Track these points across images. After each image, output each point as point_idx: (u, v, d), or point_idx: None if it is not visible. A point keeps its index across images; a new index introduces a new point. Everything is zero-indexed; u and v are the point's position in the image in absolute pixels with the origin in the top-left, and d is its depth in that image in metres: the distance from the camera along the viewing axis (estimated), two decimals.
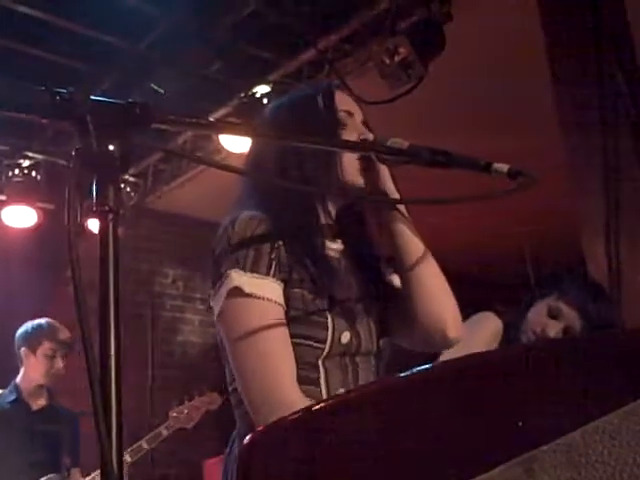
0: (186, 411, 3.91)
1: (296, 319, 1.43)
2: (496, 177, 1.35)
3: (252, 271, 1.41)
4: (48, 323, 3.97)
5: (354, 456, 0.84)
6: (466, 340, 2.45)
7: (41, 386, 3.85)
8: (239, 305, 1.41)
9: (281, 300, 1.43)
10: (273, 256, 1.44)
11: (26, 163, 5.38)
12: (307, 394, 1.40)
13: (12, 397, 3.80)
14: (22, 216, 5.52)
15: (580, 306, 2.36)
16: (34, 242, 5.63)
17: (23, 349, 3.85)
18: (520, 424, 0.69)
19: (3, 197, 5.44)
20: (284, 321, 1.42)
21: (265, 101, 4.64)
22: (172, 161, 5.47)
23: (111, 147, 0.94)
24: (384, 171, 1.55)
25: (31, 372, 3.84)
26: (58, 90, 0.92)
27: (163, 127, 1.06)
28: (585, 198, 3.67)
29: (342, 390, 1.47)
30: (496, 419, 0.74)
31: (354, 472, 0.84)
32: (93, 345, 0.83)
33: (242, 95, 4.67)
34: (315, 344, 1.45)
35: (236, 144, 4.78)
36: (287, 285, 1.45)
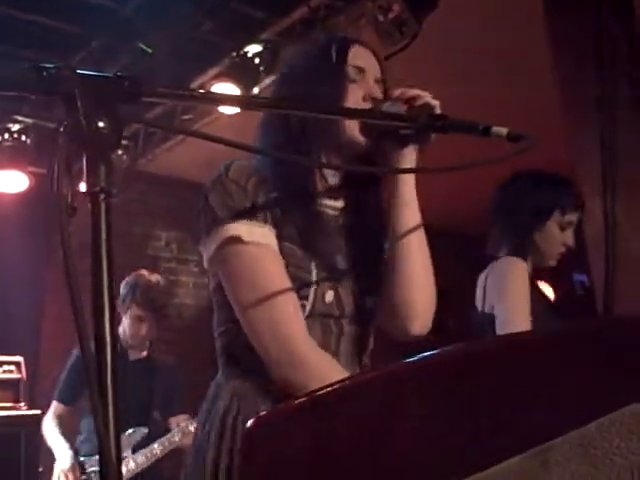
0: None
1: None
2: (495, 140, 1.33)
3: (249, 219, 1.40)
4: (142, 284, 3.93)
5: (358, 443, 0.82)
6: (507, 294, 2.48)
7: (140, 338, 3.88)
8: (240, 253, 1.40)
9: (277, 248, 1.42)
10: (268, 205, 1.43)
11: (15, 127, 5.30)
12: None
13: None
14: (13, 181, 5.46)
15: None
16: (27, 207, 5.59)
17: (120, 306, 3.87)
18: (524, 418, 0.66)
19: None
20: (284, 268, 1.41)
21: (257, 60, 4.56)
22: (153, 127, 5.40)
23: (101, 124, 0.90)
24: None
25: (125, 328, 3.87)
26: (44, 65, 0.88)
27: (152, 100, 1.02)
28: (581, 156, 3.64)
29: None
30: (502, 408, 0.72)
31: (359, 459, 0.82)
32: (89, 333, 0.80)
33: (233, 55, 4.59)
34: (299, 300, 1.43)
35: (227, 105, 4.72)
36: (278, 238, 1.44)
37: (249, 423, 0.93)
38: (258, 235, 1.40)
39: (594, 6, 3.54)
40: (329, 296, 1.46)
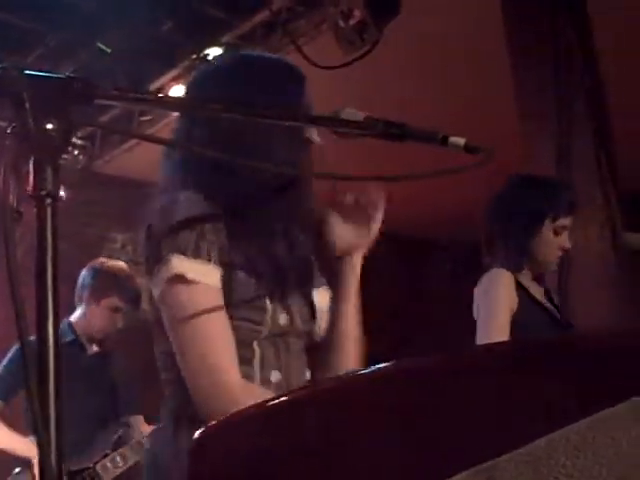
0: None
1: (236, 302, 1.43)
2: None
3: (194, 257, 1.39)
4: (121, 272, 3.74)
5: (308, 453, 0.82)
6: (489, 304, 2.48)
7: (102, 333, 3.66)
8: (182, 291, 1.39)
9: (219, 285, 1.42)
10: (214, 239, 1.41)
11: None
12: (242, 374, 1.42)
13: (68, 338, 3.53)
14: None
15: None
16: None
17: (86, 293, 3.65)
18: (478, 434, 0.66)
19: None
20: (223, 306, 1.41)
21: None
22: (121, 124, 5.33)
23: (49, 126, 0.88)
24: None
25: (92, 319, 3.63)
26: None
27: (105, 102, 1.00)
28: (537, 163, 3.69)
29: (276, 372, 1.49)
30: (447, 425, 0.71)
31: (307, 470, 0.81)
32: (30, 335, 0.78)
33: (193, 57, 4.56)
34: (254, 326, 1.45)
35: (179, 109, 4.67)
36: (228, 268, 1.43)
37: (197, 433, 0.92)
38: (200, 273, 1.40)
39: (551, 19, 3.60)
40: (283, 319, 1.49)
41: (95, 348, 3.70)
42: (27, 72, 0.88)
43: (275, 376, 1.49)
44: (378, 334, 1.75)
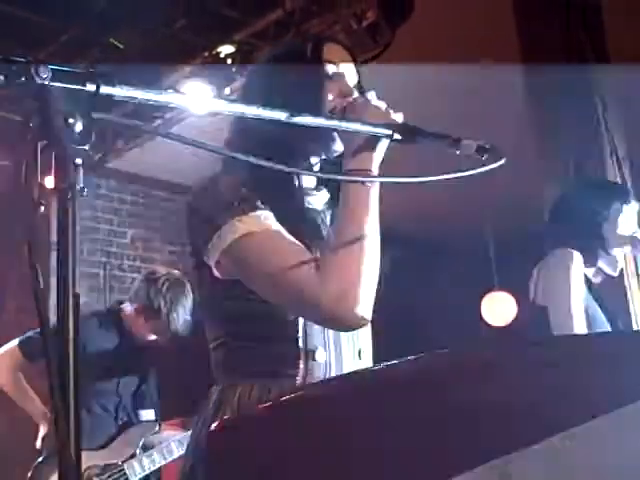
0: None
1: None
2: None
3: (245, 212, 1.41)
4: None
5: (321, 449, 0.82)
6: (557, 285, 2.49)
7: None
8: (252, 244, 1.40)
9: (277, 224, 1.43)
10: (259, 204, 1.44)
11: None
12: (284, 351, 1.45)
13: (111, 322, 3.54)
14: None
15: None
16: None
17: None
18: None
19: None
20: (290, 240, 1.42)
21: (229, 61, 4.54)
22: (122, 128, 5.36)
23: (71, 120, 0.90)
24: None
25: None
26: (16, 59, 0.87)
27: (125, 98, 1.02)
28: (549, 165, 3.69)
29: (320, 349, 1.48)
30: (461, 422, 0.72)
31: (320, 465, 0.82)
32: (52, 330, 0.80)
33: (205, 55, 4.57)
34: None
35: (198, 105, 4.68)
36: None
37: (213, 426, 0.93)
38: (263, 223, 1.41)
39: (564, 19, 3.59)
40: None
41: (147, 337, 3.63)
42: (50, 67, 0.89)
43: (320, 353, 1.47)
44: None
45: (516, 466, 0.64)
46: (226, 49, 4.55)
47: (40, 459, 3.41)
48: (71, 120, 0.89)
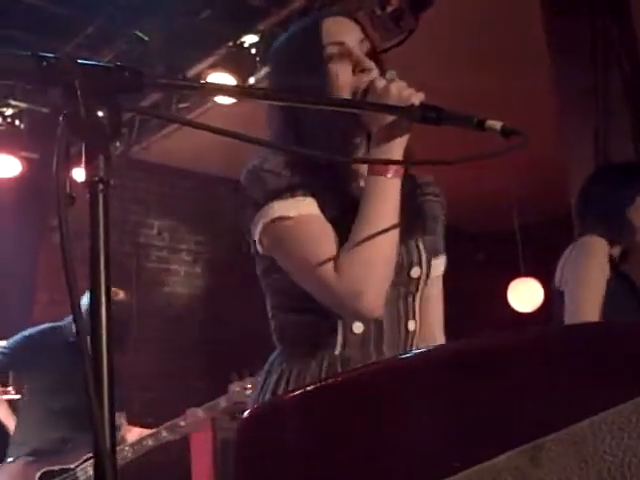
0: (249, 386, 3.56)
1: None
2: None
3: (291, 196, 1.45)
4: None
5: (351, 436, 0.83)
6: (580, 273, 2.48)
7: None
8: (289, 227, 1.44)
9: (320, 214, 1.46)
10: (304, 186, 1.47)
11: (9, 111, 5.27)
12: (323, 328, 1.49)
13: (73, 338, 3.59)
14: (6, 166, 5.44)
15: None
16: (19, 192, 5.57)
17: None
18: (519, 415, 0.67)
19: None
20: (328, 225, 1.45)
21: (253, 51, 4.55)
22: (151, 117, 5.39)
23: (100, 113, 0.91)
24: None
25: None
26: (44, 55, 0.88)
27: (154, 91, 1.03)
28: (574, 148, 3.66)
29: (358, 323, 1.49)
30: (493, 405, 0.73)
31: (351, 452, 0.83)
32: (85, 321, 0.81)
33: (230, 44, 4.58)
34: None
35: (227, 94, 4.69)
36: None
37: (245, 413, 0.94)
38: (301, 208, 1.44)
39: (590, 6, 3.55)
40: None
41: None
42: (79, 61, 0.90)
43: (358, 327, 1.49)
44: None
45: (547, 451, 0.64)
46: (250, 39, 4.56)
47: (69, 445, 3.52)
48: (100, 113, 0.91)
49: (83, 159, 0.89)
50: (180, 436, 3.63)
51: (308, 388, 0.92)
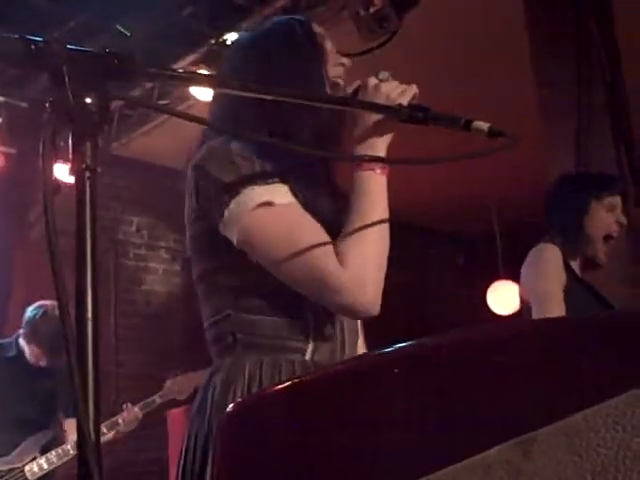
0: (180, 383, 3.99)
1: None
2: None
3: (267, 183, 1.41)
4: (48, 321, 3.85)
5: (335, 432, 0.82)
6: (536, 277, 2.51)
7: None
8: (269, 215, 1.40)
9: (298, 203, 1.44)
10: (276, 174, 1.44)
11: None
12: (292, 328, 1.46)
13: (12, 353, 3.78)
14: None
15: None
16: None
17: (23, 336, 3.83)
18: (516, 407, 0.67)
19: None
20: (307, 214, 1.42)
21: None
22: (139, 107, 5.34)
23: (88, 100, 0.89)
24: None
25: (32, 354, 3.81)
26: (33, 38, 0.87)
27: (141, 79, 1.01)
28: (554, 154, 3.68)
29: (329, 326, 1.49)
30: (482, 399, 0.72)
31: (335, 448, 0.82)
32: (70, 312, 0.79)
33: (212, 42, 4.56)
34: None
35: (204, 92, 4.68)
36: None
37: (229, 408, 0.93)
38: (285, 195, 1.42)
39: (575, 12, 3.58)
40: None
41: (41, 363, 3.85)
42: (68, 47, 0.89)
43: (328, 330, 1.49)
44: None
45: (539, 443, 0.64)
46: (233, 37, 4.53)
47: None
48: (88, 100, 0.89)
49: (70, 146, 0.87)
50: (120, 435, 3.86)
51: (290, 383, 0.91)
